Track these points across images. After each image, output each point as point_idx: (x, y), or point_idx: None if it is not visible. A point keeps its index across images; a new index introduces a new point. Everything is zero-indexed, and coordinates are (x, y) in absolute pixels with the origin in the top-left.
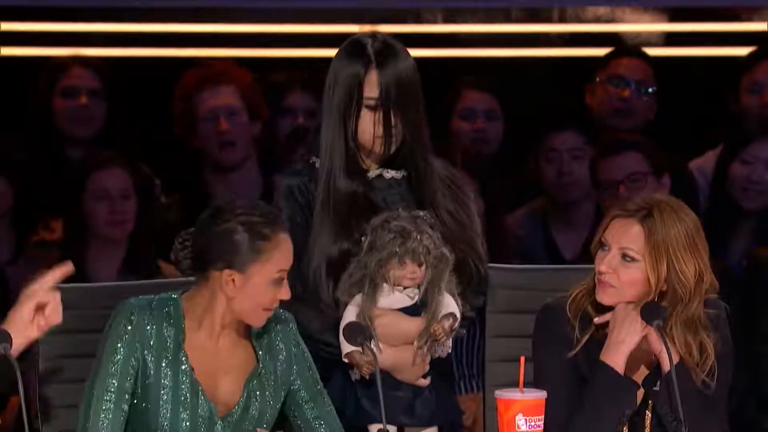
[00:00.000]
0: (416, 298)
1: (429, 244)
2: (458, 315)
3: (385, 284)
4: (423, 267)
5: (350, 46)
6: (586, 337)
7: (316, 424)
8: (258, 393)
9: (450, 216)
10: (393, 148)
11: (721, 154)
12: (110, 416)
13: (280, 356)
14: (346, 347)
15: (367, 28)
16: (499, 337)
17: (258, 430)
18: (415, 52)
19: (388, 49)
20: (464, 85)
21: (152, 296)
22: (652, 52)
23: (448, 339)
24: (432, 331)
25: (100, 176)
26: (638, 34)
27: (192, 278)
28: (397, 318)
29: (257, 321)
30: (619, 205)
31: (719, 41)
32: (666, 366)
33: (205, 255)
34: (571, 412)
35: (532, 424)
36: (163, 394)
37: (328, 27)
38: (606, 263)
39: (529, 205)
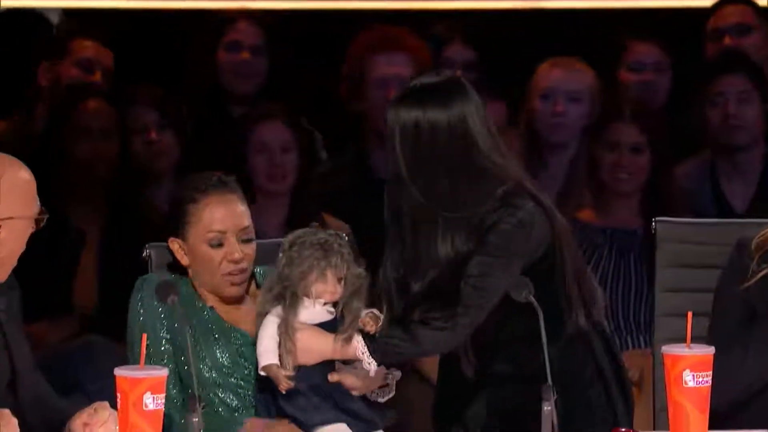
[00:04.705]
0: (336, 314)
1: (349, 259)
2: (381, 315)
3: (305, 298)
4: (342, 282)
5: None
6: (763, 272)
7: None
8: None
9: None
10: None
11: None
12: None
13: None
14: (264, 359)
15: None
16: (667, 292)
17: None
18: (581, 3)
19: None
20: (631, 36)
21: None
22: None
23: (376, 326)
24: (361, 324)
25: (261, 129)
26: None
27: None
28: (316, 334)
29: (225, 289)
30: None
31: None
32: None
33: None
34: (730, 343)
35: (700, 380)
36: (197, 345)
37: None
38: None
39: (697, 156)
